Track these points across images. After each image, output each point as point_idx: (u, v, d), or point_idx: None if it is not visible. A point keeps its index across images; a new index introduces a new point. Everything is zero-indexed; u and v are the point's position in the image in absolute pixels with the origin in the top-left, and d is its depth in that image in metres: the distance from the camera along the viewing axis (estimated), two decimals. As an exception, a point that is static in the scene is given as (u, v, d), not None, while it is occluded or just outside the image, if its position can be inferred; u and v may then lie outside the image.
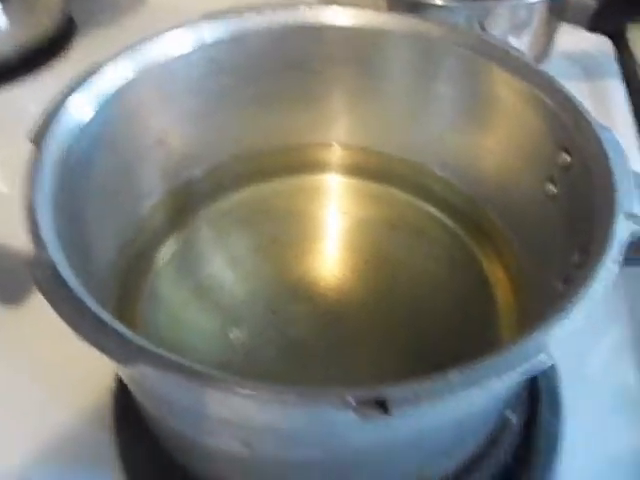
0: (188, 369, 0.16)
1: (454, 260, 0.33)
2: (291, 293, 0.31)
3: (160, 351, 0.16)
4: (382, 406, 0.15)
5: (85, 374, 0.31)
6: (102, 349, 0.16)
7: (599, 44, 0.54)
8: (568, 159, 0.26)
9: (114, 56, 0.26)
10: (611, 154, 0.23)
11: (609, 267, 0.19)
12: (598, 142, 0.24)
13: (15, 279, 0.36)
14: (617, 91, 0.51)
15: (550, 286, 0.25)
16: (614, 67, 0.53)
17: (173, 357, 0.16)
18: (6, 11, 0.48)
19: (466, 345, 0.30)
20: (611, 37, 0.54)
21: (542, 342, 0.16)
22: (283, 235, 0.34)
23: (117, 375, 0.31)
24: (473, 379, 0.15)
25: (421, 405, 0.15)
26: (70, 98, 0.24)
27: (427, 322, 0.31)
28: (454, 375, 0.16)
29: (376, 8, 0.37)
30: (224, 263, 0.33)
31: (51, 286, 0.18)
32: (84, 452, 0.29)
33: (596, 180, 0.23)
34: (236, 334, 0.29)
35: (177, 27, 0.29)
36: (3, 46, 0.49)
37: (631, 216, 0.20)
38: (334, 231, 0.35)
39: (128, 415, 0.29)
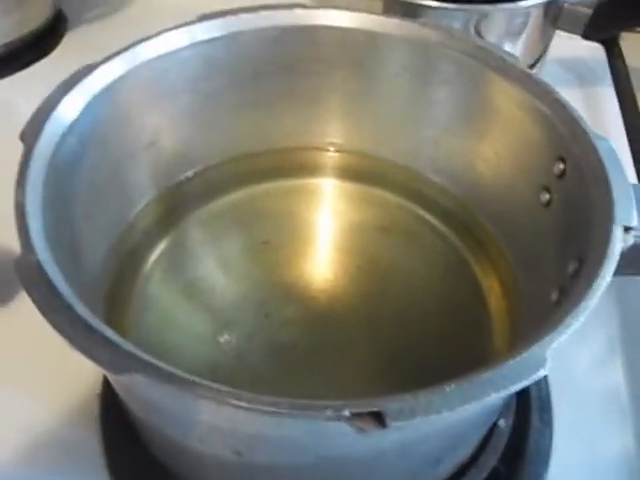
0: (181, 379, 0.16)
1: (447, 266, 0.33)
2: (283, 296, 0.31)
3: (152, 360, 0.16)
4: (378, 419, 0.15)
5: (72, 376, 0.30)
6: (93, 358, 0.16)
7: (592, 50, 0.54)
8: (563, 168, 0.26)
9: (107, 58, 0.26)
10: (607, 164, 0.23)
11: (605, 279, 0.19)
12: (594, 152, 0.24)
13: (1, 278, 0.35)
14: (609, 98, 0.51)
15: (544, 294, 0.25)
16: (606, 74, 0.53)
17: (165, 366, 0.16)
18: (-4, 5, 0.47)
19: (458, 351, 0.30)
20: (604, 43, 0.55)
21: (540, 356, 0.16)
22: (275, 237, 0.34)
23: (104, 378, 0.30)
24: (471, 394, 0.15)
25: (417, 419, 0.15)
26: (61, 97, 0.24)
27: (419, 328, 0.30)
28: (451, 389, 0.15)
29: (371, 10, 0.37)
30: (215, 265, 0.33)
31: (40, 291, 0.17)
32: (70, 455, 0.29)
33: (592, 190, 0.23)
34: (226, 338, 0.29)
35: (173, 28, 0.28)
36: (-9, 40, 0.49)
37: (629, 228, 0.20)
38: (327, 234, 0.35)
39: (115, 418, 0.29)
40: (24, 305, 0.33)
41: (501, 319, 0.31)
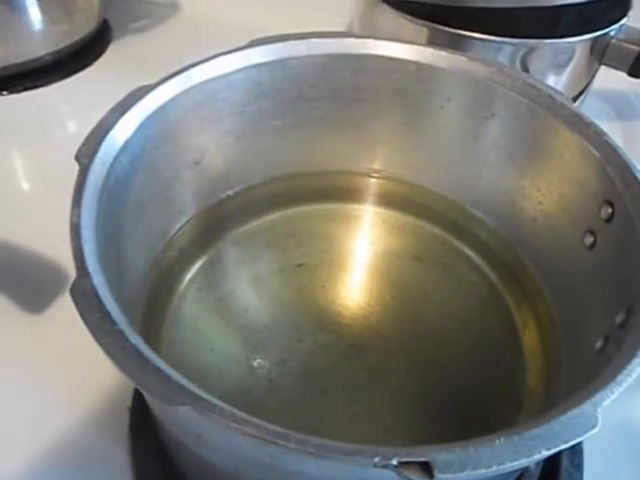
0: (230, 414, 0.16)
1: (481, 299, 0.33)
2: (316, 321, 0.31)
3: (202, 393, 0.16)
4: (426, 469, 0.15)
5: (103, 387, 0.31)
6: (145, 388, 0.16)
7: (635, 85, 0.53)
8: (611, 212, 0.25)
9: (161, 81, 0.26)
10: (659, 213, 0.23)
11: (657, 334, 0.19)
12: (645, 199, 0.23)
13: (37, 287, 0.36)
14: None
15: (587, 340, 0.25)
16: (648, 108, 0.53)
17: (214, 400, 0.16)
18: (43, 14, 0.48)
19: (491, 386, 0.30)
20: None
21: (592, 414, 0.16)
22: (311, 260, 0.34)
23: (135, 391, 0.30)
24: (521, 450, 0.15)
25: (465, 472, 0.15)
26: (116, 119, 0.24)
27: (452, 360, 0.30)
28: (501, 443, 0.15)
29: (417, 38, 0.37)
30: (250, 286, 0.33)
31: (94, 316, 0.17)
32: (98, 466, 0.29)
33: (642, 238, 0.23)
34: (259, 362, 0.29)
35: (225, 52, 0.29)
36: (39, 49, 0.50)
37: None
38: (362, 260, 0.35)
39: (144, 432, 0.29)
40: (59, 314, 0.34)
41: (535, 357, 0.30)
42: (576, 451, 0.30)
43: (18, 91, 0.49)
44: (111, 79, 0.50)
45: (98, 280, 0.19)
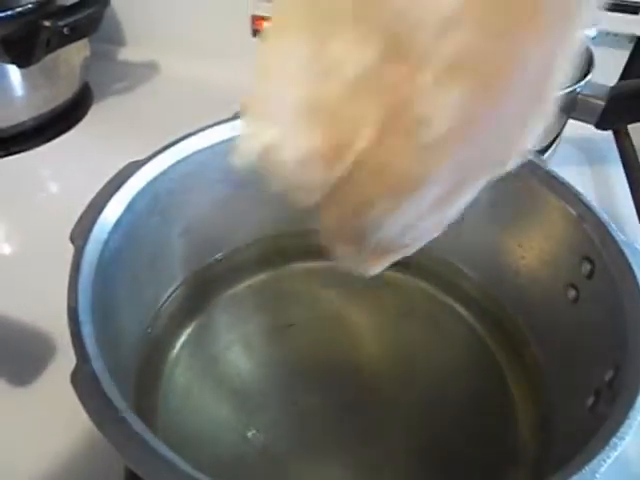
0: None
1: (470, 352, 0.33)
2: (309, 382, 0.31)
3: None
4: None
5: (93, 462, 0.30)
6: (150, 477, 0.16)
7: (601, 132, 0.56)
8: (591, 268, 0.26)
9: (151, 156, 0.27)
10: (637, 272, 0.24)
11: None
12: (623, 257, 0.24)
13: (22, 358, 0.35)
14: (618, 177, 0.53)
15: (576, 393, 0.25)
16: (615, 155, 0.55)
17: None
18: (25, 79, 0.49)
19: (485, 440, 0.30)
20: (612, 128, 0.56)
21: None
22: (301, 320, 0.34)
23: (126, 469, 0.30)
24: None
25: None
26: (108, 197, 0.25)
27: (444, 415, 0.31)
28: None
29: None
30: (242, 350, 0.33)
31: (96, 405, 0.17)
32: None
33: (623, 295, 0.24)
34: (254, 433, 0.29)
35: (213, 124, 0.29)
36: (21, 114, 0.50)
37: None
38: (351, 317, 0.35)
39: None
40: (45, 385, 0.33)
41: (526, 408, 0.31)
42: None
43: (0, 156, 0.49)
44: (93, 141, 0.51)
45: (98, 365, 0.19)
